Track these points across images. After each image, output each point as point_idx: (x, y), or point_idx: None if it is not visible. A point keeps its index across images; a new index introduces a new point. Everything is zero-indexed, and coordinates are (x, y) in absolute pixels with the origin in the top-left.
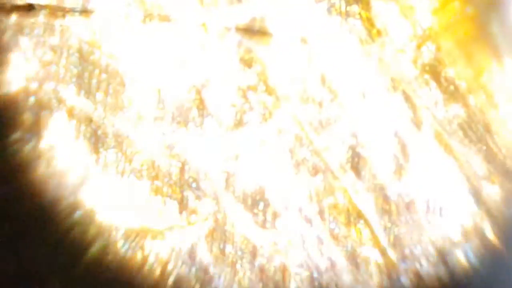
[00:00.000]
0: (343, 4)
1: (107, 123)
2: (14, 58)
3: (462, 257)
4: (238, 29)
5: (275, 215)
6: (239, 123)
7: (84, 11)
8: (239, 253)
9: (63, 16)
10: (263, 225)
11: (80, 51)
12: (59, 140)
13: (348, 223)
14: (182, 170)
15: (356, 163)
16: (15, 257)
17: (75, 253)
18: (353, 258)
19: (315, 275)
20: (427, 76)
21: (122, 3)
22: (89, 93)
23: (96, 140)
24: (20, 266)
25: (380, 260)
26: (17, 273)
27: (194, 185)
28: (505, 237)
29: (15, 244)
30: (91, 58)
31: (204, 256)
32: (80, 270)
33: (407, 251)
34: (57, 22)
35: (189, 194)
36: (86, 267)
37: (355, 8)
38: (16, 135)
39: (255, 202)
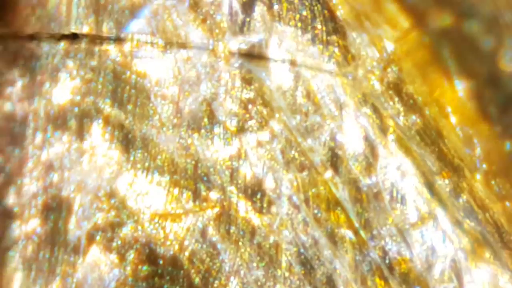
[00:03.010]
0: (324, 34)
1: (136, 129)
2: (62, 76)
3: (419, 237)
4: (240, 54)
5: (270, 203)
6: (241, 129)
7: (118, 39)
8: (241, 233)
9: (101, 43)
10: (260, 210)
11: (114, 71)
12: (98, 142)
13: (328, 209)
14: (195, 166)
15: (334, 162)
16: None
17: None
18: (332, 237)
19: (302, 250)
20: (391, 92)
21: (148, 33)
22: (121, 105)
23: (127, 143)
24: None
25: (354, 239)
26: None
27: (205, 178)
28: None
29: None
30: (123, 77)
31: (213, 235)
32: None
33: (375, 232)
34: (96, 48)
35: (201, 185)
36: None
37: (334, 38)
38: (64, 137)
39: (254, 192)
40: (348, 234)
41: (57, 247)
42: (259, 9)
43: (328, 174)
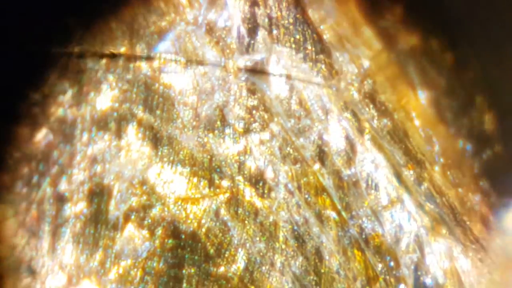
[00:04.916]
0: (314, 54)
1: (163, 130)
2: (103, 87)
3: (389, 217)
4: (246, 70)
5: (270, 189)
6: (247, 130)
7: (148, 58)
8: (247, 213)
9: (135, 60)
10: (262, 195)
11: (145, 83)
12: (133, 140)
13: (316, 195)
14: (210, 160)
15: (321, 156)
16: None
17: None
18: (319, 217)
19: (295, 228)
20: (367, 100)
21: (172, 52)
22: (151, 110)
23: (156, 141)
24: None
25: (337, 218)
26: None
27: (218, 170)
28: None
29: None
30: (153, 88)
31: (224, 215)
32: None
33: (354, 213)
34: (131, 65)
35: (215, 175)
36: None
37: (321, 57)
38: (106, 136)
39: (257, 180)
40: (332, 214)
41: (99, 224)
42: (261, 34)
43: (316, 166)
